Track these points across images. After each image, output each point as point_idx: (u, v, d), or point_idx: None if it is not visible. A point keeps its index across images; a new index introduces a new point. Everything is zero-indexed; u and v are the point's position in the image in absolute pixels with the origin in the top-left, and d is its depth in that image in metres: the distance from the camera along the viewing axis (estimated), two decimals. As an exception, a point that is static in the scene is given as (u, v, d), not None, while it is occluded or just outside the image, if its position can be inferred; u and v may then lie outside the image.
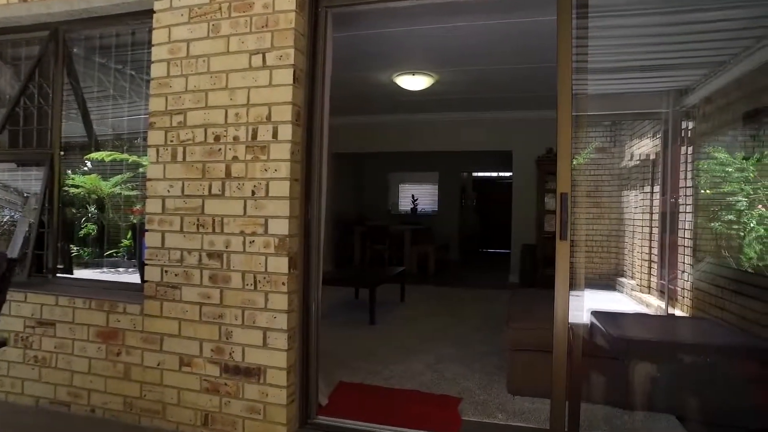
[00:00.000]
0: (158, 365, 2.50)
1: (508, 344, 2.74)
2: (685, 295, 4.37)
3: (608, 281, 6.36)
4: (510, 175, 7.86)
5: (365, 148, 8.44)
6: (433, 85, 5.60)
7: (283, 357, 2.31)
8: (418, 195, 11.36)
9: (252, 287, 2.35)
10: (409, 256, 8.44)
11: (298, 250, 2.40)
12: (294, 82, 2.32)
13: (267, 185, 2.34)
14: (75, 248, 3.87)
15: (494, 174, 12.17)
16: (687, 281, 4.35)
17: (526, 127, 7.19)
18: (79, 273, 3.52)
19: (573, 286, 2.16)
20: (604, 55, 3.86)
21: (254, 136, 2.36)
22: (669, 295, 4.68)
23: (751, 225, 3.58)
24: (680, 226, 4.60)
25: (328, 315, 4.71)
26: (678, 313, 4.43)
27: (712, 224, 3.97)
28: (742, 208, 3.72)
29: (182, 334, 2.47)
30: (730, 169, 3.90)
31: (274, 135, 2.33)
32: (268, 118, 2.34)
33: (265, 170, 2.34)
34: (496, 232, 11.68)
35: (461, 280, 7.81)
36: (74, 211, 3.91)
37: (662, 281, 4.95)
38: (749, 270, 3.39)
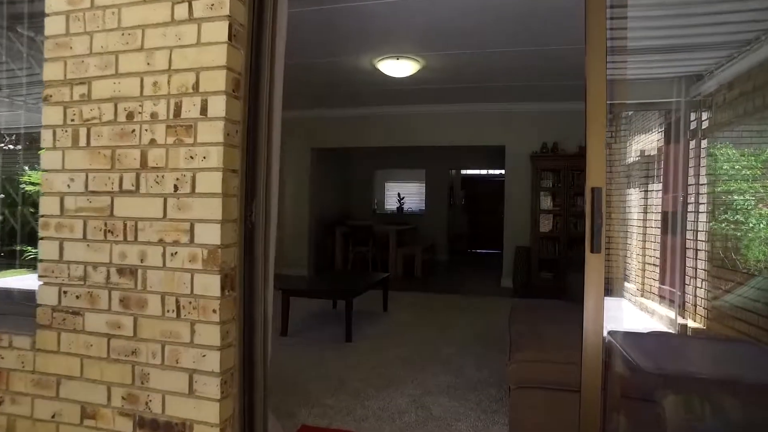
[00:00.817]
0: (53, 417, 1.89)
1: (512, 380, 2.17)
2: (701, 304, 3.89)
3: (611, 286, 5.86)
4: (502, 173, 7.32)
5: (347, 143, 7.84)
6: (419, 71, 5.02)
7: (215, 409, 1.72)
8: (404, 193, 10.79)
9: (174, 314, 1.76)
10: (395, 258, 7.88)
11: (236, 265, 1.80)
12: (230, 39, 1.73)
13: (193, 178, 1.74)
14: (33, 250, 3.54)
15: (484, 171, 11.66)
16: (702, 288, 3.88)
17: (521, 120, 6.70)
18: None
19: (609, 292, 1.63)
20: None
21: (177, 113, 1.77)
22: (680, 305, 4.20)
23: (759, 225, 3.25)
24: (691, 227, 4.13)
25: (297, 331, 4.12)
26: (691, 323, 3.96)
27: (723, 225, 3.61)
28: (750, 207, 3.39)
29: (85, 376, 1.86)
30: (738, 166, 3.55)
31: (203, 110, 1.74)
32: (195, 87, 1.75)
33: (191, 158, 1.74)
34: (486, 233, 11.21)
35: (450, 285, 7.25)
36: (32, 210, 3.49)
37: (674, 289, 4.45)
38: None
